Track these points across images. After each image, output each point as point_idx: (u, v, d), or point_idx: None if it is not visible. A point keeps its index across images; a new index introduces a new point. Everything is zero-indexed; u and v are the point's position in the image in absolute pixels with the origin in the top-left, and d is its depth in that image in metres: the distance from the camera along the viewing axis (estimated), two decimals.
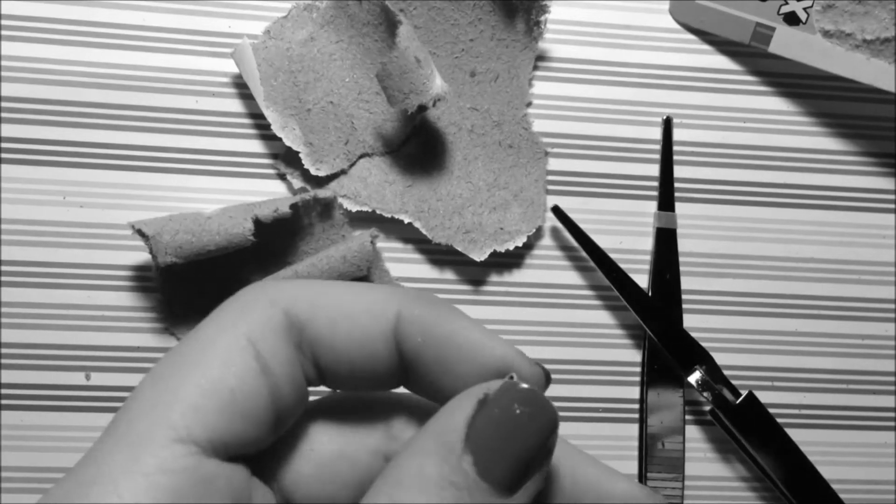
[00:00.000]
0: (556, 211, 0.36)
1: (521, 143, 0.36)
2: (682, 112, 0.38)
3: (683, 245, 0.37)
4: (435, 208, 0.35)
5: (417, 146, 0.36)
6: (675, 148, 0.38)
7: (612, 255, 0.36)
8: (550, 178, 0.37)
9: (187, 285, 0.34)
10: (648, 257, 0.38)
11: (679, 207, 0.38)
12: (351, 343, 0.17)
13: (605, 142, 0.38)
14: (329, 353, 0.17)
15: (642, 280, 0.38)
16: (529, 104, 0.37)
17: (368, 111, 0.35)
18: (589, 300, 0.37)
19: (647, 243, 0.38)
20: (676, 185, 0.38)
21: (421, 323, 0.17)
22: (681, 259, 0.37)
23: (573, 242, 0.37)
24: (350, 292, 0.18)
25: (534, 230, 0.36)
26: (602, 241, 0.37)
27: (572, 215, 0.36)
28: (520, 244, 0.36)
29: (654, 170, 0.38)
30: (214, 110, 0.36)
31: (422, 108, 0.33)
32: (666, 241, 0.37)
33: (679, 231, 0.37)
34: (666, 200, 0.37)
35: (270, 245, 0.35)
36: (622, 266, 0.36)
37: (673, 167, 0.37)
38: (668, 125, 0.37)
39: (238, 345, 0.16)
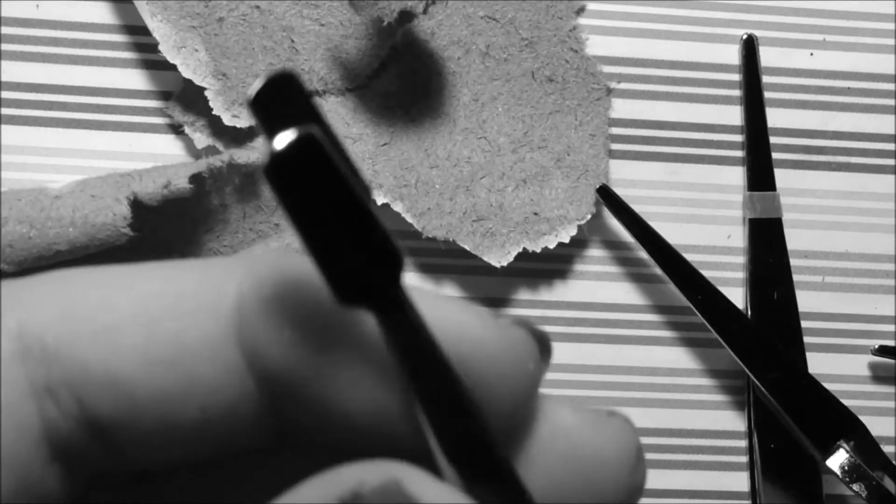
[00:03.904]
0: (604, 193, 0.35)
1: (567, 74, 0.36)
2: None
3: (795, 239, 0.37)
4: (428, 181, 0.35)
5: (398, 80, 0.35)
6: (771, 79, 0.37)
7: (705, 258, 0.36)
8: (616, 131, 0.36)
9: None
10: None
11: (784, 177, 0.38)
12: (154, 378, 0.16)
13: (699, 72, 0.37)
14: (111, 399, 0.16)
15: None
16: (581, 11, 0.36)
17: (318, 22, 0.35)
18: (665, 331, 0.37)
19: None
20: (774, 140, 0.38)
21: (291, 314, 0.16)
22: (794, 263, 0.36)
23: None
24: (142, 277, 0.16)
25: (588, 216, 0.35)
26: (689, 237, 0.37)
27: (643, 192, 0.36)
28: (566, 239, 0.35)
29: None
30: (67, 21, 0.35)
31: (406, 17, 0.32)
32: (767, 238, 0.36)
33: (786, 217, 0.37)
34: (759, 173, 0.37)
35: (159, 241, 0.34)
36: (719, 276, 0.36)
37: (765, 111, 0.37)
38: (749, 45, 0.37)
39: None
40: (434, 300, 0.16)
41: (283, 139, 0.13)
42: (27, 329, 0.16)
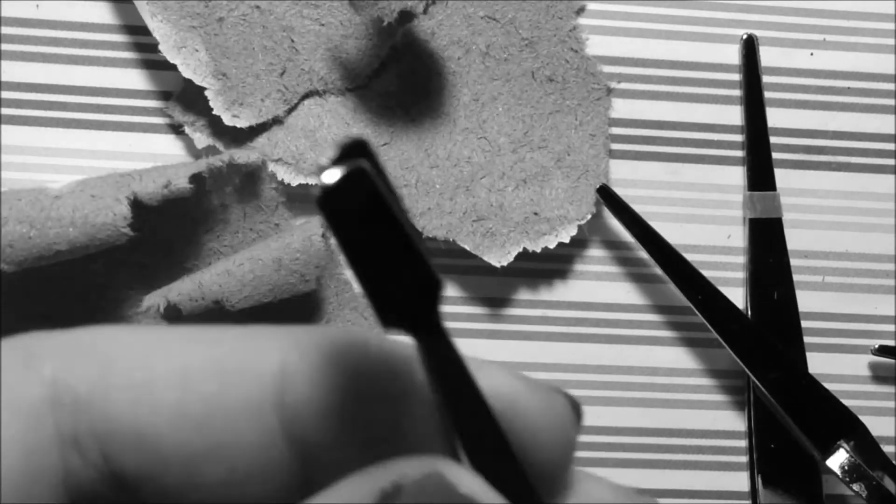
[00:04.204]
0: (604, 193, 0.35)
1: (567, 74, 0.36)
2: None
3: (795, 239, 0.37)
4: (428, 181, 0.35)
5: (398, 79, 0.36)
6: (771, 79, 0.37)
7: (705, 258, 0.36)
8: (616, 131, 0.36)
9: (23, 308, 0.34)
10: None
11: (784, 177, 0.37)
12: (184, 436, 0.16)
13: (699, 72, 0.37)
14: (138, 454, 0.16)
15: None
16: (581, 11, 0.37)
17: (318, 22, 0.35)
18: (665, 331, 0.37)
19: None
20: (774, 140, 0.37)
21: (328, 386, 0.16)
22: (794, 263, 0.36)
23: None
24: (182, 340, 0.17)
25: (588, 216, 0.35)
26: (689, 237, 0.37)
27: (643, 192, 0.36)
28: (566, 239, 0.35)
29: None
30: (67, 21, 0.35)
31: (406, 17, 0.32)
32: (767, 238, 0.36)
33: (786, 217, 0.37)
34: (760, 173, 0.37)
35: (159, 241, 0.34)
36: (719, 276, 0.36)
37: (765, 111, 0.37)
38: (749, 45, 0.37)
39: None
40: (482, 367, 0.17)
41: (334, 173, 0.14)
42: (61, 378, 0.16)
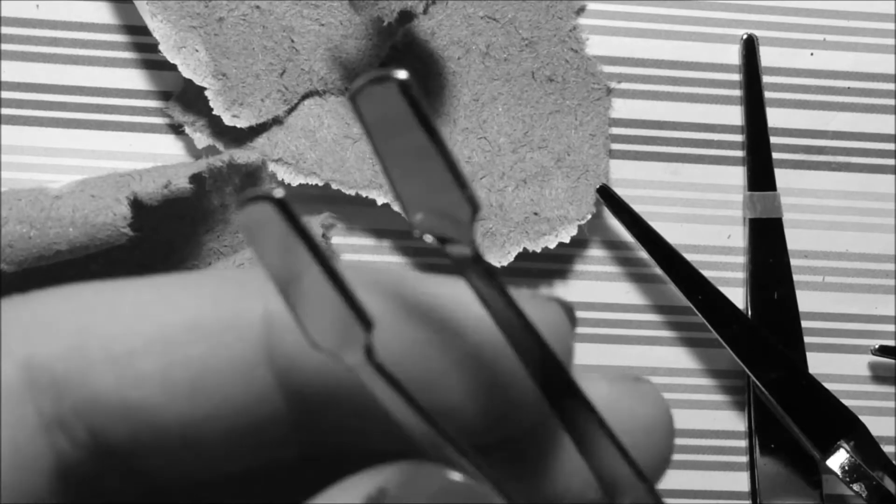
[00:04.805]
0: (604, 193, 0.35)
1: (567, 74, 0.36)
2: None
3: (795, 239, 0.37)
4: None
5: None
6: (771, 79, 0.37)
7: (705, 258, 0.36)
8: (616, 131, 0.36)
9: None
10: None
11: (784, 177, 0.37)
12: (175, 404, 0.15)
13: (699, 72, 0.37)
14: (129, 428, 0.15)
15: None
16: (581, 11, 0.37)
17: (318, 22, 0.35)
18: (665, 331, 0.37)
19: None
20: (774, 140, 0.37)
21: None
22: (794, 263, 0.36)
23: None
24: (159, 298, 0.16)
25: (588, 216, 0.35)
26: (689, 237, 0.37)
27: (644, 192, 0.36)
28: (566, 239, 0.35)
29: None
30: (67, 21, 0.35)
31: (406, 17, 0.32)
32: (767, 238, 0.36)
33: (786, 217, 0.37)
34: (760, 173, 0.37)
35: (159, 241, 0.34)
36: (719, 276, 0.36)
37: (765, 111, 0.37)
38: (749, 45, 0.37)
39: None
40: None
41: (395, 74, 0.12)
42: (35, 358, 0.16)
